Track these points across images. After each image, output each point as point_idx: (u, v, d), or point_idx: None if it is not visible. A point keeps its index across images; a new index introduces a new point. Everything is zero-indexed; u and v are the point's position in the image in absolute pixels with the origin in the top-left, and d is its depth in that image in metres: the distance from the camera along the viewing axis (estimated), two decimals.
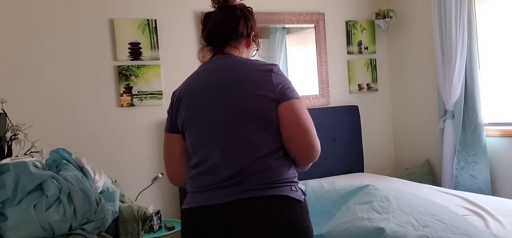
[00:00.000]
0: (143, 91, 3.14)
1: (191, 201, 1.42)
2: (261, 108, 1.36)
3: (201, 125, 1.41)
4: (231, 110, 1.37)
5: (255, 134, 1.36)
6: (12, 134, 2.29)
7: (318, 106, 3.70)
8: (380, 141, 4.00)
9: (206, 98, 1.42)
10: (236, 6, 1.50)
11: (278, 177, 1.35)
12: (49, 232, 1.63)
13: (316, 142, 1.42)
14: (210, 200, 1.36)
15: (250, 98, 1.36)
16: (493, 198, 2.56)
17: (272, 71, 1.39)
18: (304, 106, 1.41)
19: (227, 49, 1.50)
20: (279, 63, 3.69)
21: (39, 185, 1.67)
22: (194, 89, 1.45)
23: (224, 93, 1.39)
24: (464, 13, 3.04)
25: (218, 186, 1.36)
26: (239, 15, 1.49)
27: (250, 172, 1.34)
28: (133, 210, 2.01)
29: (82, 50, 3.01)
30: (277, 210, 1.32)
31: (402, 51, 3.86)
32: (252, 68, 1.41)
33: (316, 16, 3.70)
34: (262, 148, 1.35)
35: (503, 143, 3.05)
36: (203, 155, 1.41)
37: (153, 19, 3.16)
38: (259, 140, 1.36)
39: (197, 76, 1.49)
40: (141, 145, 3.18)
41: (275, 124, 1.37)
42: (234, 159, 1.35)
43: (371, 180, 3.25)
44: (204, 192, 1.38)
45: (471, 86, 3.11)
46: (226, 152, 1.36)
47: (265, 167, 1.34)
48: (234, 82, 1.39)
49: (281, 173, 1.36)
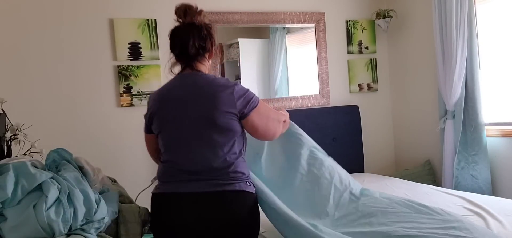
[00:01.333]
0: (142, 91, 3.14)
1: (162, 187, 1.78)
2: (223, 120, 1.68)
3: (171, 131, 1.75)
4: (198, 120, 1.69)
5: (217, 139, 1.69)
6: (12, 134, 2.29)
7: (318, 106, 3.70)
8: (381, 141, 3.99)
9: (176, 109, 1.73)
10: (202, 25, 1.76)
11: (235, 175, 1.71)
12: (49, 233, 1.63)
13: (276, 132, 1.86)
14: (175, 189, 1.72)
15: (214, 112, 1.67)
16: (494, 198, 2.56)
17: (234, 90, 1.70)
18: (263, 107, 1.78)
19: (196, 65, 1.78)
20: (279, 63, 3.69)
21: (39, 186, 1.67)
22: (165, 103, 1.76)
23: (193, 107, 1.70)
24: (465, 13, 3.04)
25: (183, 180, 1.71)
26: (206, 34, 1.77)
27: (211, 170, 1.69)
28: (133, 211, 2.00)
29: (82, 50, 3.01)
30: (236, 202, 1.70)
31: (403, 51, 3.86)
32: (218, 88, 1.71)
33: (316, 16, 3.70)
34: (222, 151, 1.70)
35: (504, 143, 3.05)
36: (173, 155, 1.75)
37: (153, 19, 3.16)
38: (220, 144, 1.69)
39: (169, 91, 1.79)
40: (141, 145, 3.14)
41: (235, 132, 1.72)
42: (199, 159, 1.70)
43: (371, 180, 3.25)
44: (171, 182, 1.74)
45: (472, 86, 3.11)
46: (192, 153, 1.71)
47: (223, 166, 1.70)
48: (202, 98, 1.70)
49: (237, 171, 1.72)
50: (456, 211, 2.28)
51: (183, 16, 1.77)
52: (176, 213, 1.72)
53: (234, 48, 3.57)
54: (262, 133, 1.81)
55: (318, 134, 3.56)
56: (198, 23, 1.76)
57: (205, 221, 1.69)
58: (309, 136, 2.31)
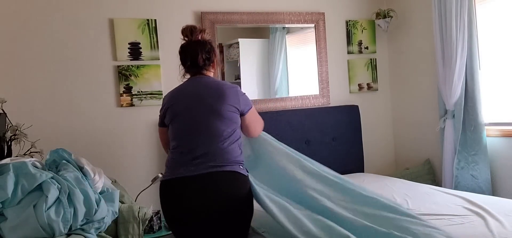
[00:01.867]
0: (143, 91, 3.14)
1: (169, 173, 2.04)
2: (228, 111, 2.05)
3: (181, 121, 2.07)
4: (206, 110, 2.03)
5: (221, 128, 2.02)
6: (12, 134, 2.29)
7: (318, 106, 3.70)
8: (380, 141, 4.00)
9: (188, 101, 2.08)
10: (206, 41, 2.15)
11: (231, 158, 2.02)
12: (49, 233, 1.63)
13: (259, 130, 2.31)
14: (179, 174, 1.99)
15: (222, 104, 2.03)
16: (494, 198, 2.56)
17: (237, 90, 2.11)
18: (254, 110, 2.21)
19: (204, 72, 2.16)
20: (279, 63, 3.70)
21: (39, 186, 1.67)
22: (178, 98, 2.12)
23: (202, 99, 2.05)
24: (465, 13, 3.04)
25: (187, 164, 2.00)
26: (210, 48, 2.14)
27: (212, 154, 2.00)
28: (133, 211, 2.01)
29: (82, 50, 3.01)
30: (231, 181, 1.99)
31: (403, 51, 3.86)
32: (224, 86, 2.11)
33: (316, 16, 3.70)
34: (223, 138, 2.02)
35: (504, 143, 3.05)
36: (181, 141, 2.05)
37: (153, 19, 3.16)
38: (222, 132, 2.02)
39: (182, 89, 2.15)
40: (141, 145, 3.18)
41: (237, 124, 2.09)
42: (203, 144, 2.01)
43: (371, 180, 3.25)
44: (177, 168, 2.01)
45: (472, 86, 3.11)
46: (198, 139, 2.02)
47: (223, 151, 2.01)
48: (211, 94, 2.06)
49: (233, 155, 2.03)
50: (456, 211, 2.29)
51: (189, 35, 2.14)
52: (180, 197, 1.98)
53: (234, 48, 3.57)
54: (253, 130, 2.24)
55: (318, 134, 3.57)
56: (202, 39, 2.15)
57: (205, 200, 1.95)
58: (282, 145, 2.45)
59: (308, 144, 3.53)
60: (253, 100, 3.52)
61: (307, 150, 3.52)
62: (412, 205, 2.47)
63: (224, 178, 1.99)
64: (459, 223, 2.11)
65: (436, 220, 2.17)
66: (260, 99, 3.56)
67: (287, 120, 3.47)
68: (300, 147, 3.49)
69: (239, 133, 2.12)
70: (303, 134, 3.52)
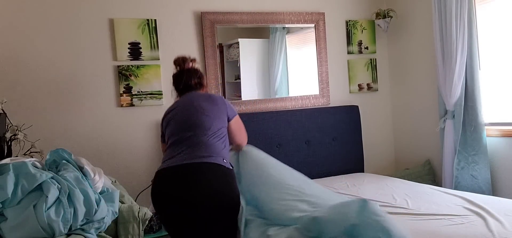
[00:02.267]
0: (143, 91, 3.14)
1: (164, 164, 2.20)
2: (217, 112, 2.29)
3: (176, 120, 2.29)
4: (196, 111, 2.25)
5: (210, 124, 2.22)
6: (12, 134, 2.29)
7: (318, 106, 3.70)
8: (380, 141, 4.00)
9: (182, 107, 2.32)
10: (197, 69, 2.46)
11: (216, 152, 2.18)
12: (49, 233, 1.63)
13: (244, 140, 2.51)
14: (170, 164, 2.15)
15: (212, 105, 2.29)
16: (494, 198, 2.55)
17: (223, 99, 2.41)
18: (238, 119, 2.43)
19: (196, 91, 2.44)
20: (279, 63, 3.70)
21: (39, 186, 1.67)
22: (174, 108, 2.35)
23: (194, 103, 2.29)
24: (464, 13, 3.04)
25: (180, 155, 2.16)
26: (200, 74, 2.45)
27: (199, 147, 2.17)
28: (133, 211, 2.01)
29: (82, 50, 3.01)
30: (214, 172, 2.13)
31: (402, 51, 3.86)
32: (213, 95, 2.42)
33: (316, 16, 3.70)
34: (212, 134, 2.22)
35: (504, 143, 3.05)
36: (175, 136, 2.24)
37: (153, 19, 3.16)
38: (212, 129, 2.22)
39: (177, 102, 2.39)
40: (141, 145, 3.18)
41: (224, 124, 2.32)
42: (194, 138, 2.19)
43: (371, 180, 3.25)
44: (169, 159, 2.18)
45: (472, 86, 3.11)
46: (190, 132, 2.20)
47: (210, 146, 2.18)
48: (202, 99, 2.32)
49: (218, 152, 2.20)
50: (456, 211, 2.29)
51: (182, 64, 2.42)
52: (167, 184, 2.13)
53: (234, 48, 3.57)
54: (238, 137, 2.44)
55: (318, 134, 3.57)
56: (193, 67, 2.44)
57: (188, 189, 2.09)
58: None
59: (308, 144, 3.53)
60: (253, 100, 3.54)
61: (307, 150, 3.52)
62: (412, 205, 2.47)
63: (206, 168, 2.12)
64: (459, 223, 2.11)
65: (436, 220, 2.17)
66: (260, 99, 3.56)
67: (287, 120, 3.47)
68: (300, 147, 3.50)
69: (225, 132, 2.31)
70: (303, 134, 3.52)
